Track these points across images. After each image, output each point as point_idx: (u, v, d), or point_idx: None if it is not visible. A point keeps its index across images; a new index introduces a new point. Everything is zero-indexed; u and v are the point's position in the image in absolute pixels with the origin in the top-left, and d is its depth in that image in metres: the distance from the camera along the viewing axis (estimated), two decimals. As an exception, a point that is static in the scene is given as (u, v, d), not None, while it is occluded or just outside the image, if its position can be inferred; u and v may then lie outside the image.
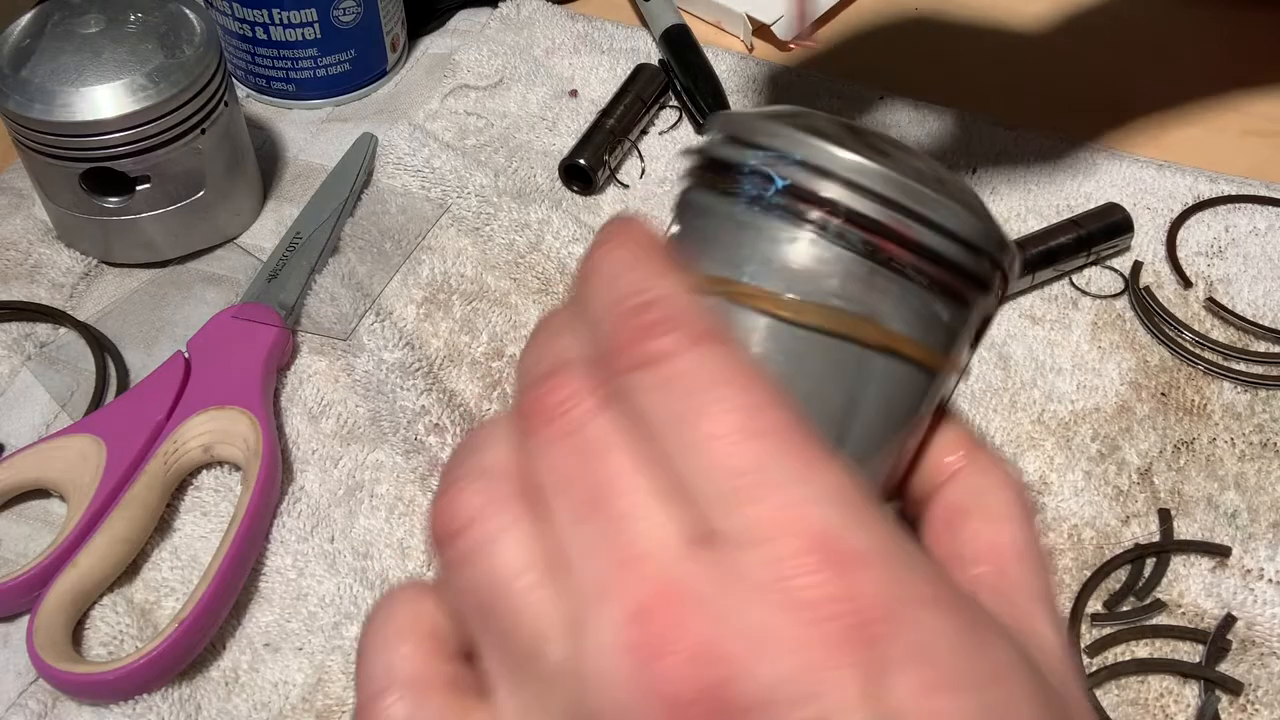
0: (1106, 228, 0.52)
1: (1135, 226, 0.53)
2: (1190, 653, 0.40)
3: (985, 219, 0.23)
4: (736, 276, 0.22)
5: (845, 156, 0.21)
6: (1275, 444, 0.46)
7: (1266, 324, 0.50)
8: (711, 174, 0.23)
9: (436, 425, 0.46)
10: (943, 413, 0.25)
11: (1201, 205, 0.55)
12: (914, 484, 0.27)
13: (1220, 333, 0.50)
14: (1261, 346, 0.50)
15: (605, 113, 0.58)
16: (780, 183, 0.22)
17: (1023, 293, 0.51)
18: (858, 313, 0.21)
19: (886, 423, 0.23)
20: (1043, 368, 0.49)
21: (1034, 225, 0.53)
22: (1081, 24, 0.66)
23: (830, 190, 0.21)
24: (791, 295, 0.21)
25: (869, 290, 0.21)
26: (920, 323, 0.22)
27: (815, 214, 0.21)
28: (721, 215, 0.22)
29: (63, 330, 0.50)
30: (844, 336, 0.21)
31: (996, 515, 0.26)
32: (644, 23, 0.65)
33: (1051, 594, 0.25)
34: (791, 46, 0.39)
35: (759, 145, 0.22)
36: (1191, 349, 0.49)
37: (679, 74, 0.60)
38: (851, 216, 0.21)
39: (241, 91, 0.61)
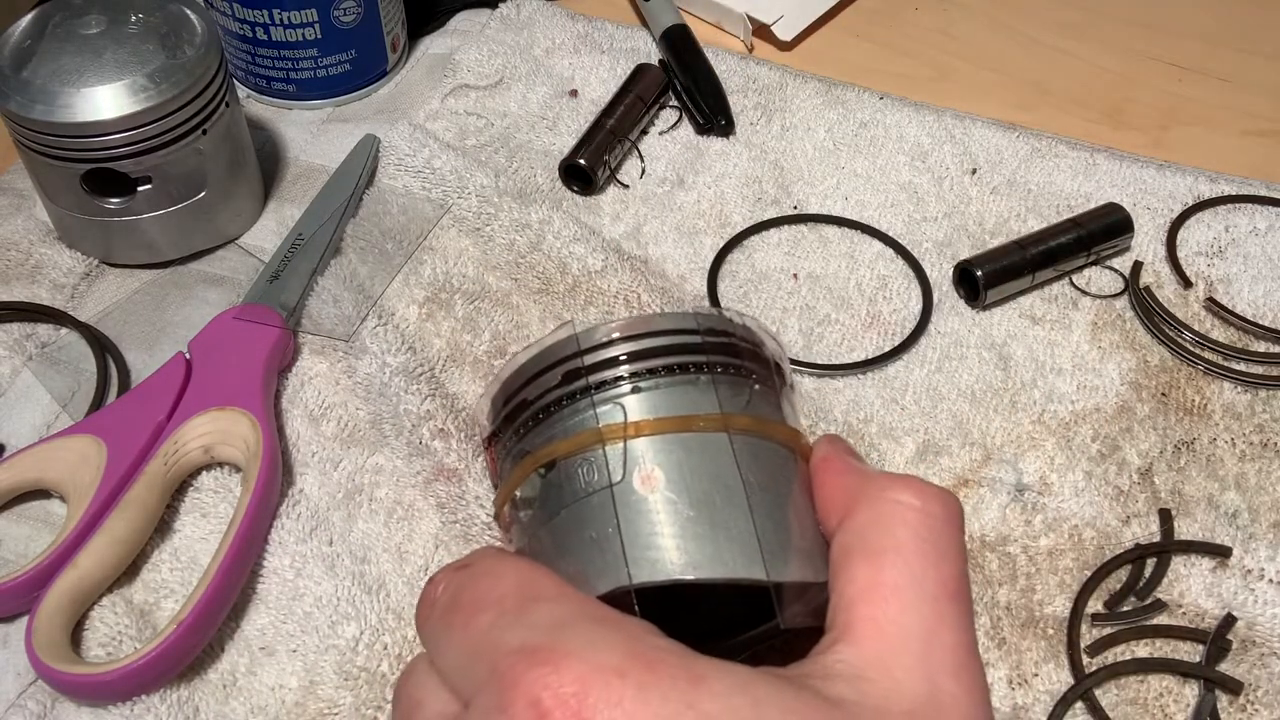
0: (1106, 228, 0.52)
1: (1135, 226, 0.53)
2: (1190, 652, 0.40)
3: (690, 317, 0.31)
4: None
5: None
6: (1276, 444, 0.46)
7: (1266, 324, 0.50)
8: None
9: (441, 430, 0.46)
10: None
11: (1201, 205, 0.55)
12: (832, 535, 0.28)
13: (1220, 333, 0.50)
14: (1261, 346, 0.49)
15: (605, 113, 0.58)
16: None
17: (1023, 293, 0.51)
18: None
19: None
20: (1043, 368, 0.49)
21: (1034, 225, 0.53)
22: (1080, 23, 0.66)
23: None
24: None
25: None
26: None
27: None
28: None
29: (64, 331, 0.50)
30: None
31: (877, 550, 0.26)
32: (644, 23, 0.65)
33: (931, 629, 0.25)
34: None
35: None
36: (1191, 349, 0.49)
37: (679, 74, 0.60)
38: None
39: (242, 92, 0.61)
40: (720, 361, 0.30)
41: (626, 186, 0.57)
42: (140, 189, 0.50)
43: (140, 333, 0.50)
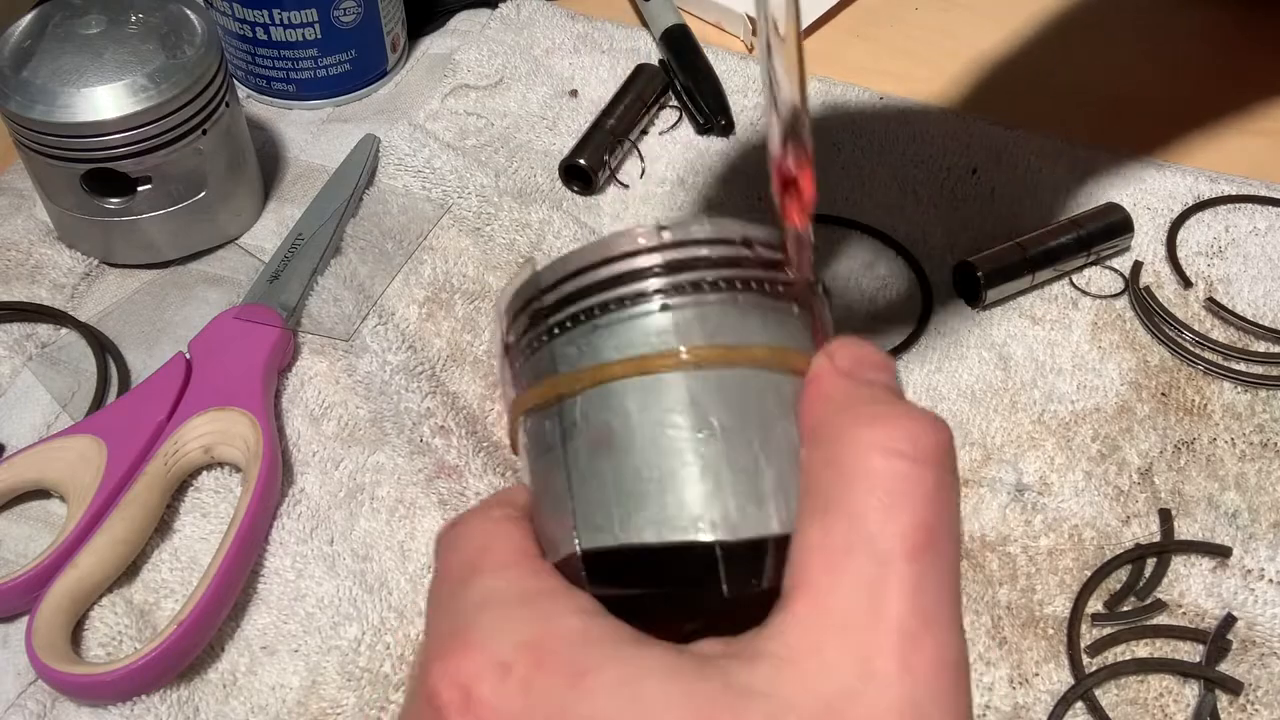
0: (1106, 228, 0.52)
1: (1135, 226, 0.53)
2: (1191, 653, 0.40)
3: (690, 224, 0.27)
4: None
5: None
6: (1275, 444, 0.46)
7: (1266, 324, 0.50)
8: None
9: (442, 427, 0.46)
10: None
11: (1201, 205, 0.55)
12: None
13: (1220, 333, 0.50)
14: (1261, 346, 0.49)
15: (605, 113, 0.58)
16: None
17: (1023, 293, 0.51)
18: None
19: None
20: (1043, 368, 0.49)
21: (1034, 225, 0.53)
22: (1081, 24, 0.66)
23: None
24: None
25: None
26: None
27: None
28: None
29: (64, 331, 0.50)
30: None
31: (828, 502, 0.23)
32: (644, 23, 0.65)
33: (877, 597, 0.22)
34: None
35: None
36: (1191, 349, 0.49)
37: (679, 74, 0.60)
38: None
39: (242, 92, 0.61)
40: (679, 283, 0.26)
41: (626, 186, 0.57)
42: (140, 189, 0.50)
43: (140, 333, 0.50)
